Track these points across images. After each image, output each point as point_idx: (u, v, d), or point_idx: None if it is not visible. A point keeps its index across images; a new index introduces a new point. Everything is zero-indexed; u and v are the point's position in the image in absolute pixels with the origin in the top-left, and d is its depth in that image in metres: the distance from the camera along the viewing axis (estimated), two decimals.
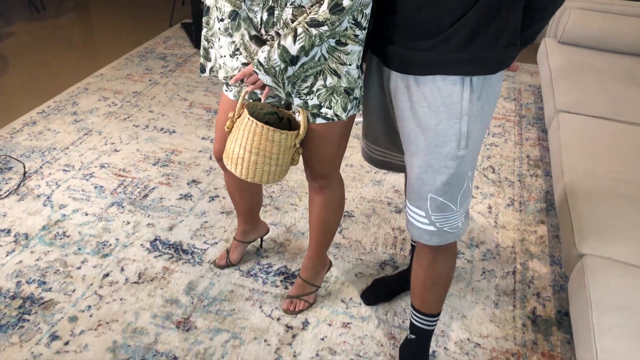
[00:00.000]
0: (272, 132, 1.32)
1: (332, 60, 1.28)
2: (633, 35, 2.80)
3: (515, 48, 1.25)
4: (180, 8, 4.56)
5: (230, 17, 1.27)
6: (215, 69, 1.40)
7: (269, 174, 1.37)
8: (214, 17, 1.33)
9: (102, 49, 3.88)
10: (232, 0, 1.27)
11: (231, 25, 1.28)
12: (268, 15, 1.26)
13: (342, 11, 1.19)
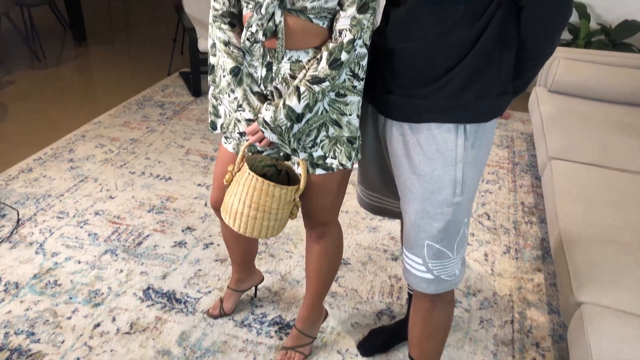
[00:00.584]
0: (273, 188, 1.32)
1: (332, 112, 1.31)
2: (619, 85, 2.87)
3: (508, 96, 1.27)
4: (179, 57, 4.66)
5: (232, 73, 1.30)
6: (226, 124, 1.41)
7: (267, 228, 1.36)
8: (219, 75, 1.35)
9: (100, 97, 3.94)
10: (234, 56, 1.30)
11: (233, 81, 1.30)
12: (267, 71, 1.29)
13: (341, 66, 1.23)
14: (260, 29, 1.21)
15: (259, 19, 1.20)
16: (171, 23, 5.12)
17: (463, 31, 1.17)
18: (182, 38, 4.64)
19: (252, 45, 1.26)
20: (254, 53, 1.28)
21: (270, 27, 1.21)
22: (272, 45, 1.25)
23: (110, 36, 5.45)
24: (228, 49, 1.30)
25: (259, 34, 1.22)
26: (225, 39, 1.30)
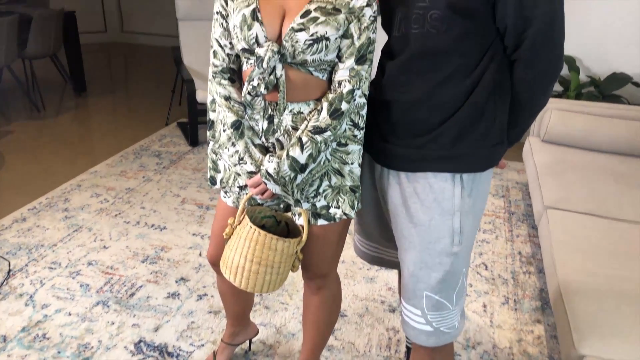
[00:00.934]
0: (275, 241, 1.29)
1: (334, 161, 1.32)
2: (611, 135, 2.91)
3: (503, 146, 1.29)
4: (177, 108, 4.72)
5: (233, 126, 1.31)
6: (226, 178, 1.41)
7: (269, 283, 1.32)
8: (219, 130, 1.36)
9: (98, 146, 3.96)
10: (235, 110, 1.31)
11: (234, 135, 1.31)
12: (268, 124, 1.30)
13: (342, 115, 1.25)
14: (262, 82, 1.23)
15: (261, 72, 1.23)
16: (170, 75, 5.22)
17: (457, 83, 1.20)
18: (180, 89, 4.72)
19: (253, 99, 1.28)
20: (255, 107, 1.30)
21: (272, 80, 1.24)
22: (274, 99, 1.27)
23: (110, 87, 5.55)
24: (229, 104, 1.32)
25: (261, 88, 1.24)
26: (225, 93, 1.33)
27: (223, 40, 1.33)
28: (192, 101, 3.79)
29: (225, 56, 1.34)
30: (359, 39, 1.23)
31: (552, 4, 1.14)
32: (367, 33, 1.24)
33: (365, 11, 1.23)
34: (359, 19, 1.23)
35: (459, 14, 1.15)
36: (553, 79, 1.21)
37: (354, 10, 1.22)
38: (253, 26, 1.23)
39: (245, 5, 1.25)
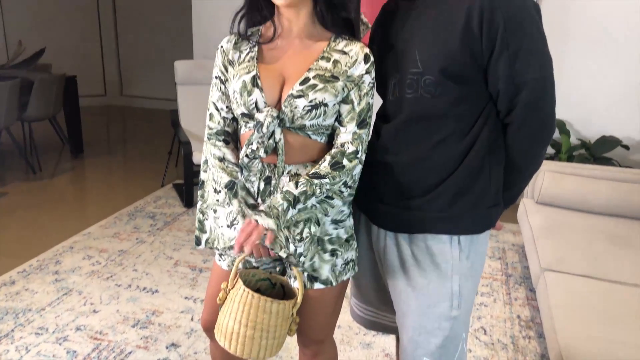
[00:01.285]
0: (270, 303, 1.25)
1: (319, 210, 1.30)
2: (604, 198, 2.93)
3: (500, 208, 1.29)
4: (173, 169, 4.75)
5: (227, 187, 1.31)
6: (211, 239, 1.38)
7: (265, 348, 1.27)
8: (208, 190, 1.37)
9: (92, 208, 3.94)
10: (229, 171, 1.32)
11: (228, 195, 1.31)
12: (265, 185, 1.30)
13: (343, 169, 1.26)
14: (262, 146, 1.25)
15: (260, 137, 1.24)
16: (167, 138, 5.29)
17: (452, 146, 1.21)
18: (177, 151, 4.77)
19: (250, 161, 1.29)
20: (252, 169, 1.30)
21: (271, 144, 1.26)
22: (272, 161, 1.28)
23: (107, 149, 5.59)
24: (223, 164, 1.33)
25: (260, 151, 1.25)
26: (220, 155, 1.34)
27: (220, 103, 1.36)
28: (188, 162, 3.82)
29: (221, 119, 1.36)
30: (359, 104, 1.27)
31: (543, 70, 1.18)
32: (366, 99, 1.27)
33: (365, 78, 1.27)
34: (358, 86, 1.26)
35: (452, 79, 1.19)
36: (546, 142, 1.23)
37: (353, 78, 1.26)
38: (253, 92, 1.26)
39: (246, 72, 1.28)
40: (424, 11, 1.25)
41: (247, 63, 1.30)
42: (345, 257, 1.35)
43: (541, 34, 1.20)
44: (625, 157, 3.74)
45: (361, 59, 1.27)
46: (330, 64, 1.26)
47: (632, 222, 2.88)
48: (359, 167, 1.29)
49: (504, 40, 1.14)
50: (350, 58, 1.27)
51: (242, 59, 1.32)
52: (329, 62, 1.26)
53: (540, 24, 1.20)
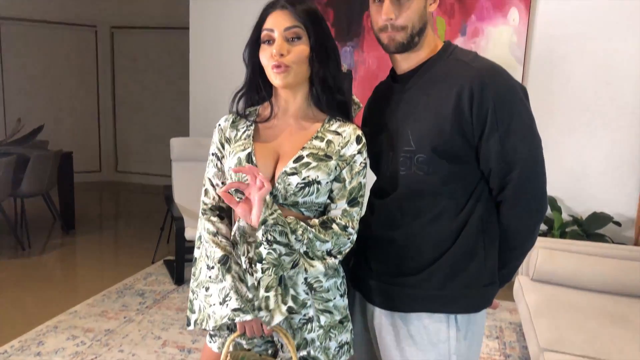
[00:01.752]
0: None
1: (317, 303, 1.28)
2: (598, 275, 2.92)
3: (496, 286, 1.28)
4: (165, 246, 4.70)
5: (220, 262, 1.30)
6: (200, 320, 1.34)
7: None
8: (200, 267, 1.35)
9: (80, 285, 3.86)
10: (222, 246, 1.31)
11: (221, 270, 1.29)
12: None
13: (329, 230, 1.26)
14: None
15: None
16: (160, 213, 5.27)
17: (446, 223, 1.22)
18: (169, 227, 4.74)
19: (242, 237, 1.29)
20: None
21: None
22: None
23: (99, 225, 5.56)
24: (216, 239, 1.32)
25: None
26: (213, 230, 1.34)
27: (216, 179, 1.38)
28: (180, 238, 3.79)
29: (215, 195, 1.37)
30: (350, 182, 1.29)
31: (532, 149, 1.21)
32: (358, 178, 1.30)
33: (356, 158, 1.30)
34: (350, 165, 1.29)
35: (444, 157, 1.22)
36: (539, 219, 1.24)
37: (345, 157, 1.29)
38: None
39: (242, 149, 1.31)
40: (416, 92, 1.30)
41: (243, 140, 1.33)
42: (340, 340, 1.31)
43: (529, 114, 1.24)
44: (618, 233, 3.75)
45: (353, 140, 1.30)
46: (323, 144, 1.29)
47: (629, 300, 2.84)
48: (347, 243, 1.28)
49: (494, 121, 1.18)
50: (343, 139, 1.30)
51: (238, 136, 1.35)
52: (322, 141, 1.30)
53: (527, 104, 1.25)
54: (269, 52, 1.27)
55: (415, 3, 1.25)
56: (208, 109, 4.66)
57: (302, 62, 1.28)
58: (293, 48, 1.26)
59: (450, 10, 3.86)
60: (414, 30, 1.27)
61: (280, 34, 1.26)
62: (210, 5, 4.50)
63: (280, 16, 1.27)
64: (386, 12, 1.25)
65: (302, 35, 1.27)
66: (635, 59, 3.61)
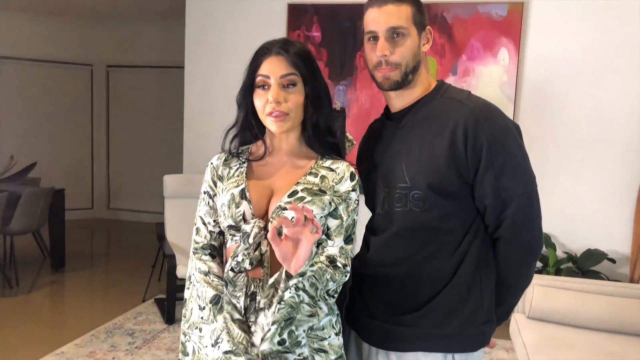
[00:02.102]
0: None
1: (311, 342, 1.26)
2: (595, 312, 2.89)
3: (493, 324, 1.26)
4: (156, 284, 4.62)
5: (212, 301, 1.27)
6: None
7: None
8: (191, 308, 1.33)
9: (68, 325, 3.77)
10: (214, 285, 1.29)
11: (213, 310, 1.27)
12: (250, 301, 1.27)
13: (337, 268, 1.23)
14: (247, 258, 1.24)
15: (246, 248, 1.24)
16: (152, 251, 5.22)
17: (443, 260, 1.21)
18: (161, 265, 4.69)
19: (235, 275, 1.27)
20: (237, 283, 1.28)
21: (257, 256, 1.25)
22: (257, 275, 1.26)
23: (90, 263, 5.48)
24: (208, 278, 1.30)
25: (245, 263, 1.24)
26: (205, 269, 1.32)
27: (207, 217, 1.37)
28: (172, 276, 3.73)
29: (207, 233, 1.36)
30: (347, 220, 1.29)
31: (527, 186, 1.22)
32: (352, 215, 1.30)
33: (351, 195, 1.30)
34: (346, 202, 1.29)
35: (439, 194, 1.22)
36: (535, 256, 1.24)
37: (339, 193, 1.29)
38: (241, 204, 1.28)
39: (235, 185, 1.31)
40: (410, 130, 1.31)
41: (236, 178, 1.33)
42: None
43: (523, 152, 1.25)
44: (613, 270, 3.74)
45: (347, 176, 1.31)
46: (317, 179, 1.29)
47: (626, 338, 2.81)
48: (343, 281, 1.27)
49: (489, 158, 1.19)
50: (337, 175, 1.31)
51: (231, 174, 1.36)
52: (316, 177, 1.30)
53: (521, 142, 1.27)
54: (265, 98, 1.28)
55: (409, 41, 1.28)
56: (202, 146, 4.67)
57: (298, 109, 1.30)
58: (289, 96, 1.28)
59: (442, 50, 3.95)
60: (407, 68, 1.29)
61: (276, 81, 1.28)
62: (205, 45, 4.57)
63: (276, 62, 1.28)
64: (381, 49, 1.27)
65: (298, 82, 1.29)
66: (622, 98, 3.68)
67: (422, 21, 1.31)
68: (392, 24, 1.27)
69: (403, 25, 1.27)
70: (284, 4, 4.26)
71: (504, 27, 3.81)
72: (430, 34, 1.35)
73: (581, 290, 3.05)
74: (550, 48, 3.78)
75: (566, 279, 3.17)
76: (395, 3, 1.27)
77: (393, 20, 1.27)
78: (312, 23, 4.22)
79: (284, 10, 4.26)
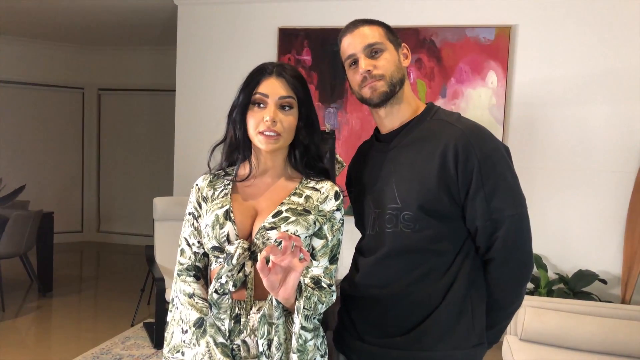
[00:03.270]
0: None
1: None
2: (587, 334, 2.88)
3: (484, 346, 1.25)
4: (145, 307, 4.56)
5: (196, 325, 1.26)
6: None
7: None
8: (172, 332, 1.31)
9: (55, 350, 3.70)
10: (198, 308, 1.28)
11: (196, 333, 1.25)
12: (234, 324, 1.26)
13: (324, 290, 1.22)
14: (230, 279, 1.23)
15: (230, 270, 1.23)
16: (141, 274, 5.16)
17: (434, 281, 1.21)
18: (150, 288, 4.63)
19: (220, 297, 1.26)
20: (222, 305, 1.26)
21: (240, 277, 1.24)
22: (241, 297, 1.25)
23: (78, 287, 5.40)
24: (192, 301, 1.29)
25: (229, 285, 1.23)
26: (189, 291, 1.31)
27: (192, 239, 1.36)
28: (161, 300, 3.68)
29: (192, 254, 1.35)
30: (332, 240, 1.29)
31: (518, 207, 1.23)
32: (337, 235, 1.30)
33: (336, 214, 1.30)
34: (330, 221, 1.29)
35: (430, 215, 1.22)
36: (526, 279, 1.24)
37: (324, 213, 1.29)
38: (225, 225, 1.27)
39: (219, 206, 1.31)
40: (401, 151, 1.32)
41: (220, 199, 1.33)
42: None
43: (513, 173, 1.26)
44: (604, 291, 3.74)
45: (332, 196, 1.31)
46: (302, 199, 1.30)
47: (618, 359, 2.80)
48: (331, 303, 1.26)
49: (479, 180, 1.20)
50: (322, 194, 1.31)
51: (216, 195, 1.35)
52: (301, 197, 1.30)
53: (511, 164, 1.28)
54: (260, 116, 1.29)
55: (388, 54, 1.31)
56: (192, 169, 4.66)
57: (291, 131, 1.31)
58: (285, 117, 1.29)
59: (431, 74, 3.99)
60: (393, 79, 1.31)
61: (274, 102, 1.29)
62: (197, 69, 4.60)
63: (276, 84, 1.30)
64: (362, 66, 1.30)
65: (294, 106, 1.31)
66: (605, 121, 3.73)
67: (396, 39, 1.36)
68: (368, 41, 1.31)
69: (379, 41, 1.31)
70: (275, 28, 4.30)
71: (492, 51, 3.87)
72: (407, 50, 1.38)
73: (573, 311, 3.05)
74: (537, 72, 3.84)
75: (558, 300, 3.17)
76: (366, 25, 1.33)
77: (368, 39, 1.31)
78: (302, 47, 4.26)
79: (275, 34, 4.31)
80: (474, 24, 3.89)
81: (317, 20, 4.22)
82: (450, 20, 3.94)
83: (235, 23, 4.44)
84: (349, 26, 1.36)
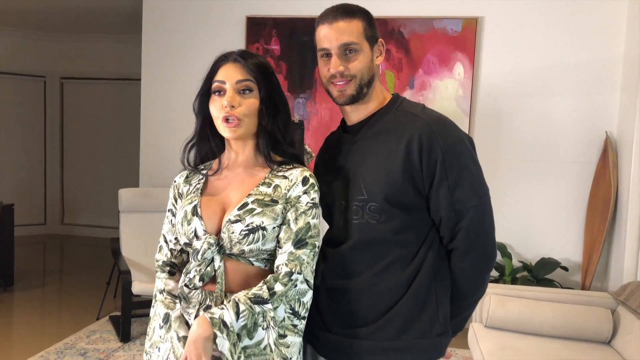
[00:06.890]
0: None
1: (277, 354, 1.23)
2: (550, 320, 2.96)
3: (448, 335, 1.27)
4: (111, 301, 4.49)
5: (164, 320, 1.27)
6: None
7: None
8: (152, 327, 1.31)
9: (16, 347, 3.60)
10: (166, 303, 1.28)
11: (165, 329, 1.26)
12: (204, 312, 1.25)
13: (275, 295, 1.20)
14: (198, 274, 1.23)
15: (197, 264, 1.23)
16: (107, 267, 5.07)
17: (398, 272, 1.22)
18: (116, 281, 4.55)
19: (190, 291, 1.25)
20: (192, 300, 1.26)
21: (209, 272, 1.23)
22: (213, 289, 1.25)
23: (41, 281, 5.27)
24: (162, 296, 1.30)
25: (196, 279, 1.23)
26: (162, 287, 1.32)
27: (169, 235, 1.37)
28: (127, 293, 3.62)
29: (168, 251, 1.36)
30: (295, 223, 1.26)
31: (481, 198, 1.24)
32: (304, 218, 1.27)
33: (302, 199, 1.28)
34: (294, 206, 1.27)
35: (396, 206, 1.23)
36: (489, 267, 1.26)
37: (290, 199, 1.28)
38: (192, 221, 1.27)
39: (189, 202, 1.31)
40: (366, 143, 1.32)
41: (192, 194, 1.33)
42: None
43: (477, 164, 1.28)
44: (566, 277, 3.85)
45: (299, 181, 1.30)
46: (270, 189, 1.29)
47: (577, 344, 2.89)
48: (305, 290, 1.24)
49: (443, 171, 1.21)
50: (290, 181, 1.30)
51: (190, 191, 1.34)
52: (269, 187, 1.29)
53: (475, 155, 1.29)
54: (220, 104, 1.28)
55: (362, 56, 1.29)
56: (158, 159, 4.59)
57: (253, 115, 1.29)
58: (244, 101, 1.28)
59: (399, 65, 4.01)
60: (362, 81, 1.30)
61: (231, 86, 1.28)
62: (162, 57, 4.51)
63: (232, 69, 1.29)
64: (334, 67, 1.28)
65: (254, 89, 1.29)
66: (568, 113, 3.82)
67: (373, 34, 1.33)
68: (344, 40, 1.28)
69: (355, 42, 1.28)
70: (243, 17, 4.25)
71: (459, 43, 3.91)
72: (383, 46, 1.37)
73: (536, 298, 3.13)
74: (503, 63, 3.90)
75: (522, 287, 3.25)
76: (345, 19, 1.28)
77: (345, 37, 1.28)
78: (271, 36, 4.22)
79: (243, 23, 4.26)
80: (441, 16, 3.92)
81: (286, 10, 4.18)
82: (419, 11, 3.96)
83: (203, 11, 4.37)
84: (328, 14, 1.31)
